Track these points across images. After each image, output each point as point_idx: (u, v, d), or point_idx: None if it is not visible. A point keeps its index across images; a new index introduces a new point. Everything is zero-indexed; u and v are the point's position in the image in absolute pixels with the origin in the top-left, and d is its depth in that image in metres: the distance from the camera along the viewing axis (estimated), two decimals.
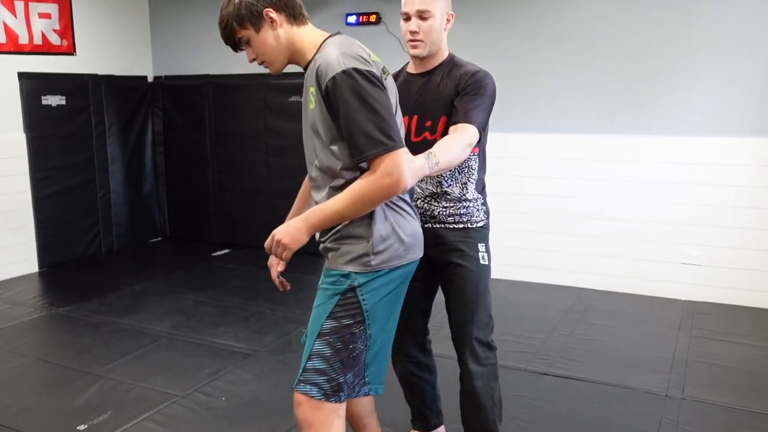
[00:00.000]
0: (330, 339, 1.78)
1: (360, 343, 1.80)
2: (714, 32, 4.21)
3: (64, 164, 5.44)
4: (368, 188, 1.67)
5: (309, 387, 1.80)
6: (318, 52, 1.78)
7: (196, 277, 5.15)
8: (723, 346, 3.71)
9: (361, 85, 1.66)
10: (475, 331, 2.25)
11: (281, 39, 1.80)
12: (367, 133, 1.65)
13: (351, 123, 1.66)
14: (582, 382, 3.27)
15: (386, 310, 1.84)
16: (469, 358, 2.26)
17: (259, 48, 1.82)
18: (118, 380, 3.31)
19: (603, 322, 4.07)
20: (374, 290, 1.79)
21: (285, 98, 5.60)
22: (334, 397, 1.80)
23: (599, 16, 4.50)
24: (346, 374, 1.80)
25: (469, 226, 2.28)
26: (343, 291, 1.78)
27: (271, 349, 3.69)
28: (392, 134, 1.67)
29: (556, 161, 4.75)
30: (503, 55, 4.79)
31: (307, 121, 1.83)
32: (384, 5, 5.15)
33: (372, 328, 1.81)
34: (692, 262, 4.44)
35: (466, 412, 2.35)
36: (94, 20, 5.66)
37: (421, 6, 2.17)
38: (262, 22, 1.78)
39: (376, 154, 1.65)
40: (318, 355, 1.79)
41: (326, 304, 1.81)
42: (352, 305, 1.78)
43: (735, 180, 4.27)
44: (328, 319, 1.79)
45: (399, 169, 1.66)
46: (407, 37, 2.23)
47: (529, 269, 4.93)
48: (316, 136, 1.79)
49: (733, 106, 4.24)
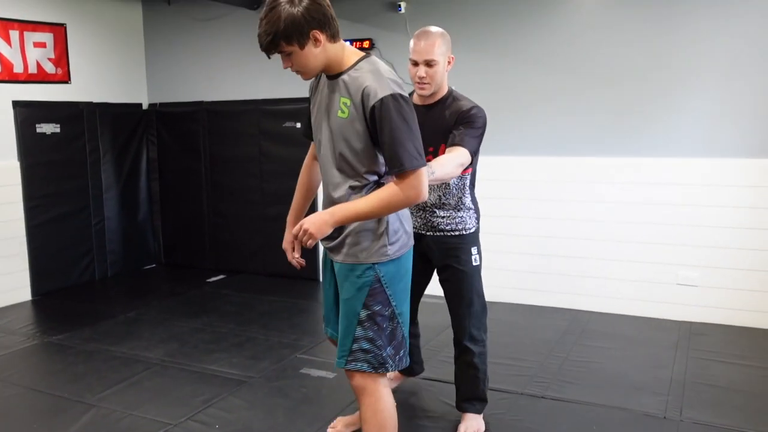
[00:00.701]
0: (368, 324, 2.16)
1: (393, 322, 2.19)
2: (702, 55, 4.26)
3: (58, 192, 5.43)
4: (396, 197, 2.01)
5: (360, 364, 2.20)
6: (354, 69, 2.06)
7: (191, 303, 5.12)
8: (721, 367, 3.69)
9: (404, 109, 1.99)
10: (472, 321, 2.84)
11: (320, 55, 2.03)
12: (407, 150, 1.98)
13: (395, 140, 1.97)
14: (579, 405, 3.24)
15: (404, 289, 2.23)
16: (468, 341, 2.85)
17: (299, 60, 2.02)
18: (110, 409, 3.26)
19: (599, 344, 4.05)
20: (393, 276, 2.17)
21: (279, 124, 5.62)
22: (380, 368, 2.20)
23: (589, 41, 4.55)
24: (386, 349, 2.19)
25: (464, 233, 2.79)
26: (371, 283, 2.13)
27: (266, 375, 3.66)
28: (422, 153, 2.03)
29: (551, 183, 4.76)
30: (499, 80, 4.83)
31: (331, 126, 2.12)
32: (377, 32, 5.19)
33: (399, 308, 2.21)
34: (688, 283, 4.43)
35: (463, 381, 2.94)
36: (89, 48, 5.70)
37: (428, 56, 2.61)
38: (307, 41, 1.98)
39: (411, 168, 1.98)
40: (363, 339, 2.18)
41: (357, 297, 2.16)
42: (379, 293, 2.15)
43: (729, 200, 4.28)
44: (363, 309, 2.16)
45: (422, 185, 2.02)
46: (415, 80, 2.66)
47: (525, 291, 4.91)
48: (344, 142, 2.08)
49: (723, 127, 4.27)
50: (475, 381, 2.92)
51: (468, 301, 2.83)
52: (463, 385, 2.96)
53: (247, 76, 5.80)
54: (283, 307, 4.95)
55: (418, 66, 2.64)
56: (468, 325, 2.84)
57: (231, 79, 5.90)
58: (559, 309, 4.76)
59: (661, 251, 4.49)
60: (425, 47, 2.62)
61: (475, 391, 2.94)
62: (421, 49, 2.62)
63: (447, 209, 2.79)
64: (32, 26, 5.18)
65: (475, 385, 2.93)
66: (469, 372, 2.91)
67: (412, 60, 2.66)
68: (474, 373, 2.90)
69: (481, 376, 2.91)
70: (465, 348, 2.87)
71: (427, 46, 2.61)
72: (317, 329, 4.39)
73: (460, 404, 3.00)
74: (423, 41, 2.63)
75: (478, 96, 4.91)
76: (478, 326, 2.87)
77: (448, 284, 2.87)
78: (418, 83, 2.67)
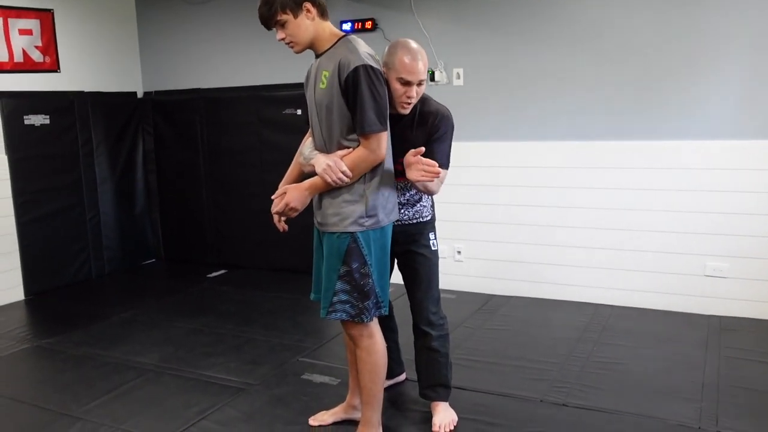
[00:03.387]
0: (347, 278, 2.46)
1: (369, 279, 2.48)
2: (728, 26, 3.93)
3: (50, 186, 5.19)
4: (360, 158, 2.36)
5: (339, 314, 2.50)
6: (335, 45, 2.39)
7: (189, 302, 4.88)
8: (756, 367, 3.40)
9: (373, 79, 2.30)
10: (431, 304, 2.85)
11: (311, 27, 2.37)
12: (369, 116, 2.30)
13: (361, 106, 2.29)
14: (605, 413, 2.96)
15: (379, 253, 2.51)
16: (426, 325, 2.85)
17: (292, 30, 2.35)
18: (97, 422, 3.03)
19: (623, 343, 3.77)
20: (369, 241, 2.46)
21: (279, 111, 5.34)
22: (357, 318, 2.49)
23: (607, 16, 4.22)
24: (365, 302, 2.48)
25: (421, 221, 2.84)
26: (349, 243, 2.43)
27: (265, 382, 3.41)
28: (384, 120, 2.36)
29: (566, 170, 4.46)
30: (509, 60, 4.53)
31: (316, 98, 2.43)
32: (380, 11, 4.90)
33: (373, 267, 2.48)
34: (717, 275, 4.13)
35: (424, 366, 2.92)
36: (78, 35, 5.42)
37: (423, 76, 2.56)
38: (301, 11, 2.32)
39: (371, 131, 2.32)
40: (341, 292, 2.47)
41: (338, 254, 2.45)
42: (356, 253, 2.44)
43: (760, 186, 3.97)
44: (343, 265, 2.45)
45: (380, 147, 2.37)
46: (403, 100, 2.56)
47: (539, 284, 4.63)
48: (325, 110, 2.39)
49: (753, 106, 3.95)
50: (436, 365, 2.89)
51: (427, 284, 2.84)
52: (426, 371, 2.93)
53: (245, 61, 5.52)
54: (285, 304, 4.70)
55: (410, 86, 2.54)
56: (427, 308, 2.84)
57: (228, 65, 5.62)
58: (579, 303, 4.47)
59: (688, 241, 4.19)
60: (422, 68, 2.54)
61: (437, 376, 2.90)
62: (418, 70, 2.52)
63: (410, 205, 2.81)
64: (17, 12, 4.91)
65: (438, 370, 2.90)
66: (430, 356, 2.88)
67: (404, 80, 2.52)
68: (435, 356, 2.88)
69: (442, 360, 2.89)
70: (424, 332, 2.87)
71: (423, 66, 2.55)
72: (320, 329, 4.14)
73: (423, 392, 2.96)
74: (419, 62, 2.53)
75: (490, 80, 4.69)
76: (435, 310, 2.87)
77: (408, 268, 2.87)
78: (404, 102, 2.57)
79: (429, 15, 4.74)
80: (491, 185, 4.67)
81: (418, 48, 2.57)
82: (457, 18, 4.66)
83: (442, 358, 2.89)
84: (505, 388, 3.24)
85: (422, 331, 2.87)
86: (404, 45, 2.56)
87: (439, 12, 4.71)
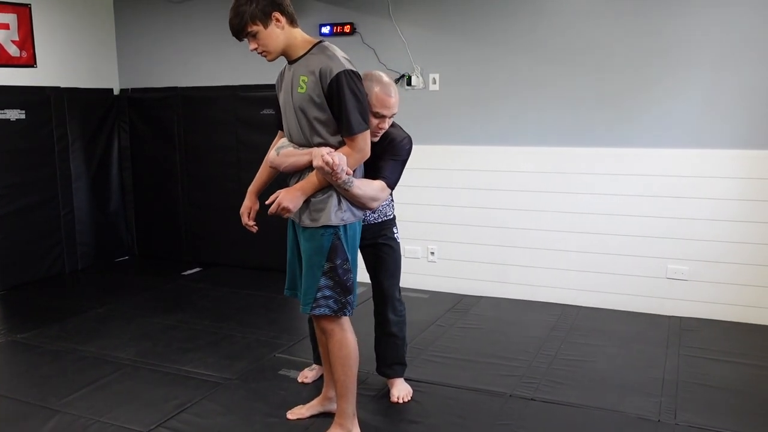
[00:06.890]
0: (331, 275, 2.55)
1: (350, 274, 2.59)
2: (692, 45, 4.13)
3: (24, 181, 5.17)
4: (348, 157, 2.44)
5: (323, 309, 2.58)
6: (311, 52, 2.49)
7: (165, 298, 4.92)
8: (713, 365, 3.58)
9: (355, 83, 2.42)
10: (395, 291, 3.11)
11: (281, 36, 2.46)
12: (355, 118, 2.41)
13: (346, 109, 2.39)
14: (571, 408, 3.11)
15: (353, 250, 2.64)
16: (389, 311, 3.10)
17: (263, 40, 2.45)
18: (76, 415, 3.07)
19: (589, 342, 3.93)
20: (347, 236, 2.58)
21: (257, 111, 5.40)
22: (339, 312, 2.59)
23: (579, 30, 4.39)
24: (347, 296, 2.59)
25: (385, 219, 3.09)
26: (332, 240, 2.53)
27: (243, 377, 3.48)
28: (367, 119, 2.49)
29: (536, 174, 4.62)
30: (484, 67, 4.67)
31: (294, 102, 2.50)
32: (358, 16, 4.99)
33: (353, 264, 2.62)
34: (678, 277, 4.32)
35: (384, 349, 3.18)
36: (55, 30, 5.42)
37: (396, 109, 2.73)
38: (270, 21, 2.41)
39: (358, 131, 2.44)
40: (325, 287, 2.56)
41: (321, 252, 2.54)
42: (339, 250, 2.55)
43: (719, 192, 4.17)
44: (327, 262, 2.54)
45: (367, 145, 2.50)
46: (375, 131, 2.70)
47: (509, 285, 4.78)
48: (302, 114, 2.48)
49: (713, 117, 4.15)
50: (395, 348, 3.17)
51: (392, 272, 3.09)
52: (385, 353, 3.19)
53: (223, 60, 5.57)
54: (260, 302, 4.77)
55: (383, 119, 2.70)
56: (393, 296, 3.09)
57: (207, 64, 5.66)
58: (547, 304, 4.63)
59: (650, 245, 4.37)
60: (396, 102, 2.71)
61: (396, 356, 3.19)
62: (393, 104, 2.70)
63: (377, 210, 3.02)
64: None
65: (396, 351, 3.18)
66: (390, 340, 3.15)
67: (378, 113, 2.67)
68: (394, 340, 3.15)
69: (400, 342, 3.17)
70: (387, 319, 3.10)
71: (397, 100, 2.71)
72: (296, 326, 4.22)
73: (383, 370, 3.22)
74: (393, 96, 2.70)
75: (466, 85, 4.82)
76: (399, 297, 3.14)
77: (376, 258, 3.08)
78: (376, 133, 2.72)
79: (407, 20, 4.85)
80: (464, 188, 4.80)
81: (390, 81, 2.73)
82: (434, 24, 4.78)
83: (400, 341, 3.17)
84: (476, 383, 3.37)
85: (386, 317, 3.11)
86: (378, 79, 2.70)
87: (417, 18, 4.82)
